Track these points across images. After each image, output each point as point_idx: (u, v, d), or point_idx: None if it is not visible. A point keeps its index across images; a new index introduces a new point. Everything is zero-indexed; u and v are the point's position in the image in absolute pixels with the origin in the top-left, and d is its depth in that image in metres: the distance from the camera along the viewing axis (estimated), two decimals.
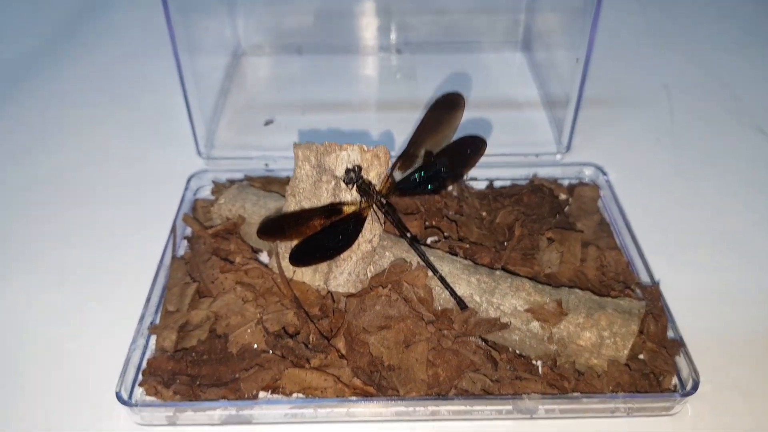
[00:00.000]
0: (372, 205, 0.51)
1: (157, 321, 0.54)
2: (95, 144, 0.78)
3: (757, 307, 0.57)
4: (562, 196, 0.66)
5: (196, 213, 0.64)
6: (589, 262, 0.58)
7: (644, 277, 0.57)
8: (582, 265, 0.57)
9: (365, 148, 0.49)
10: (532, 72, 0.89)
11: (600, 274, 0.57)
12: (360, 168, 0.49)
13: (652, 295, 0.54)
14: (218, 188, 0.65)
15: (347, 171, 0.49)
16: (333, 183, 0.51)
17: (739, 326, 0.56)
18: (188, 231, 0.62)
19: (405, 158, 0.51)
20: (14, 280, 0.61)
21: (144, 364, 0.51)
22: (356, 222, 0.51)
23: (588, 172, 0.68)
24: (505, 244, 0.60)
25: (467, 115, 0.53)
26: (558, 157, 0.73)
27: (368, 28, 0.93)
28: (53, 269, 0.62)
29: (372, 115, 0.81)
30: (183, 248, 0.61)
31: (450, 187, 0.56)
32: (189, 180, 0.66)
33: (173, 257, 0.59)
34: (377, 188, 0.50)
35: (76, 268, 0.62)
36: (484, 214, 0.63)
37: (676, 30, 1.00)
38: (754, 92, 0.86)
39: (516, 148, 0.73)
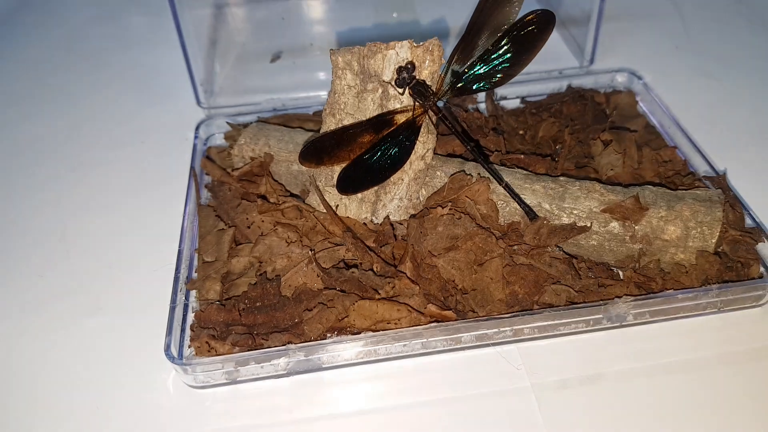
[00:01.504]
0: (427, 110, 0.45)
1: (194, 276, 0.48)
2: (84, 106, 0.71)
3: None
4: (600, 104, 0.62)
5: (212, 159, 0.57)
6: (646, 163, 0.54)
7: (705, 171, 0.54)
8: (640, 167, 0.54)
9: (415, 44, 0.44)
10: None
11: (662, 173, 0.53)
12: (413, 65, 0.43)
13: (721, 184, 0.51)
14: (234, 131, 0.59)
15: (398, 70, 0.43)
16: (380, 90, 0.45)
17: None
18: (207, 181, 0.56)
19: (462, 49, 0.45)
20: (30, 254, 0.54)
21: (191, 319, 0.45)
22: (409, 132, 0.45)
23: (621, 79, 0.65)
24: (553, 155, 0.56)
25: None
26: (582, 71, 0.70)
27: None
28: (59, 240, 0.55)
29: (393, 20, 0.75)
30: (204, 199, 0.55)
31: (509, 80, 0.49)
32: (197, 128, 0.60)
33: (199, 204, 0.53)
34: (432, 89, 0.45)
35: (85, 236, 0.55)
36: (521, 131, 0.59)
37: None
38: None
39: (535, 65, 0.69)
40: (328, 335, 0.44)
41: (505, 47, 0.45)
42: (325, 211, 0.50)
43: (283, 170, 0.54)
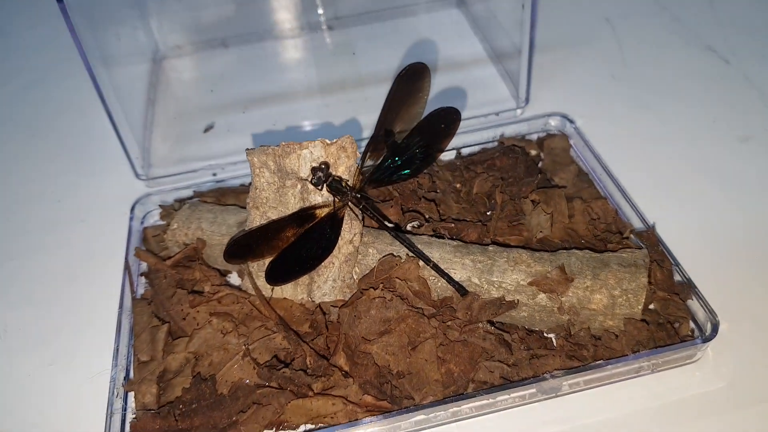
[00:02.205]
0: (347, 203, 0.46)
1: (131, 375, 0.48)
2: (15, 185, 0.69)
3: (754, 231, 0.56)
4: (533, 152, 0.63)
5: (147, 244, 0.57)
6: (577, 217, 0.55)
7: (636, 223, 0.55)
8: (571, 222, 0.54)
9: (328, 142, 0.44)
10: (472, 27, 0.84)
11: (592, 228, 0.54)
12: (327, 165, 0.44)
13: (650, 240, 0.52)
14: (167, 211, 0.59)
15: (313, 170, 0.44)
16: (299, 186, 0.45)
17: (741, 255, 0.54)
18: (144, 266, 0.56)
19: (374, 144, 0.46)
20: None
21: (128, 429, 0.45)
22: (333, 224, 0.46)
23: (554, 123, 0.65)
24: (488, 213, 0.56)
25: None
26: (518, 111, 0.70)
27: (294, 8, 0.86)
28: (6, 334, 0.54)
29: (318, 100, 0.75)
30: (142, 286, 0.54)
31: (424, 170, 0.51)
32: (133, 208, 0.59)
33: (133, 299, 0.52)
34: (350, 183, 0.45)
35: (25, 332, 0.55)
36: (458, 185, 0.59)
37: None
38: (694, 12, 0.84)
39: (474, 109, 0.69)
40: None
41: (416, 141, 0.45)
42: (257, 296, 0.50)
43: (217, 253, 0.53)
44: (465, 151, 0.64)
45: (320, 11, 0.86)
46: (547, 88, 0.74)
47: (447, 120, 0.45)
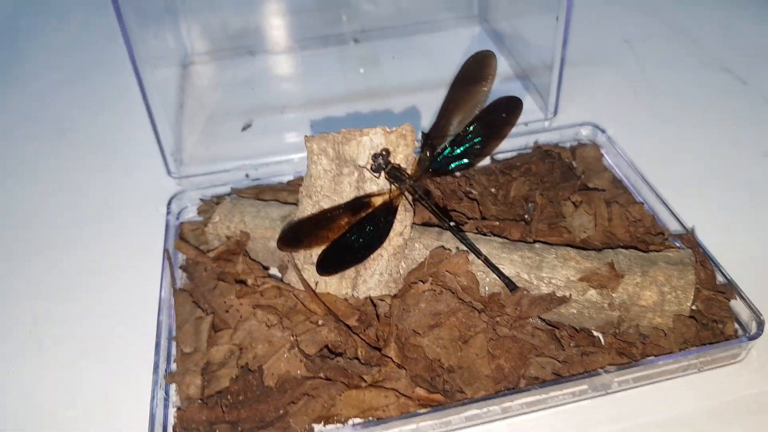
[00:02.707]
0: (404, 192, 0.46)
1: (173, 367, 0.47)
2: (49, 182, 0.69)
3: None
4: (567, 160, 0.64)
5: (185, 238, 0.56)
6: (616, 220, 0.55)
7: (673, 227, 0.55)
8: (611, 225, 0.55)
9: (388, 129, 0.44)
10: (495, 43, 0.86)
11: (633, 231, 0.54)
12: (388, 151, 0.44)
13: (690, 242, 0.53)
14: (207, 206, 0.58)
15: (374, 156, 0.44)
16: (356, 174, 0.45)
17: None
18: (181, 260, 0.55)
19: (434, 134, 0.46)
20: None
21: (172, 419, 0.44)
22: (387, 213, 0.45)
23: (585, 132, 0.66)
24: (525, 216, 0.56)
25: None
26: (546, 123, 0.71)
27: (320, 21, 0.87)
28: (30, 331, 0.53)
29: (347, 107, 0.75)
30: (180, 280, 0.53)
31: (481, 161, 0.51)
32: (169, 203, 0.59)
33: (175, 290, 0.51)
34: (408, 171, 0.45)
35: (57, 325, 0.54)
36: (493, 189, 0.60)
37: None
38: (711, 35, 0.87)
39: None
40: (315, 426, 0.43)
41: (476, 131, 0.46)
42: (304, 289, 0.49)
43: (260, 246, 0.53)
44: (498, 157, 0.64)
45: (346, 24, 0.88)
46: (572, 102, 0.75)
47: (509, 108, 0.45)
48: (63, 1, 1.00)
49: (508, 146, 0.66)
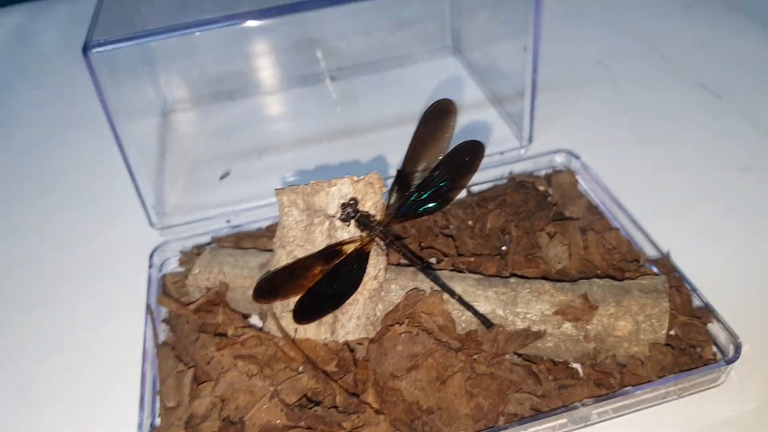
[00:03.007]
0: (374, 238, 0.47)
1: (158, 422, 0.48)
2: (33, 239, 0.70)
3: (766, 254, 0.57)
4: (542, 188, 0.64)
5: (167, 290, 0.57)
6: (592, 248, 0.56)
7: (649, 251, 0.56)
8: (586, 253, 0.55)
9: (355, 179, 0.45)
10: (469, 73, 0.88)
11: (608, 258, 0.55)
12: (356, 200, 0.45)
13: (666, 267, 0.53)
14: (187, 257, 0.59)
15: (343, 206, 0.45)
16: (327, 223, 0.46)
17: (754, 278, 0.55)
18: (164, 313, 0.56)
19: (400, 180, 0.47)
20: None
21: None
22: (359, 259, 0.46)
23: (560, 159, 0.67)
24: (503, 248, 0.57)
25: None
26: (522, 151, 0.72)
27: (296, 62, 0.89)
28: (20, 390, 0.54)
29: (326, 146, 0.76)
30: (163, 333, 0.54)
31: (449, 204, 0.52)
32: (152, 255, 0.60)
33: (157, 345, 0.52)
34: (377, 218, 0.46)
35: (46, 384, 0.54)
36: (470, 222, 0.60)
37: (595, 7, 1.02)
38: (683, 50, 0.88)
39: None
40: None
41: (440, 176, 0.47)
42: (282, 337, 0.50)
43: (239, 296, 0.54)
44: (474, 189, 0.65)
45: (322, 63, 0.89)
46: (548, 127, 0.76)
47: (471, 153, 0.47)
48: (43, 58, 1.02)
49: (484, 178, 0.66)
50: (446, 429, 0.44)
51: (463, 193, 0.64)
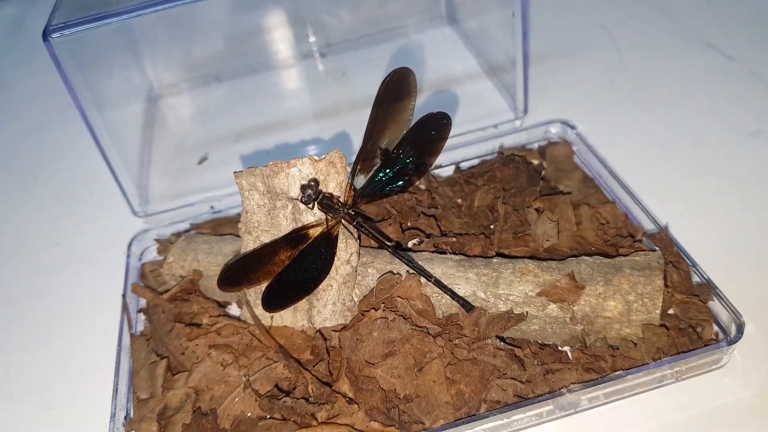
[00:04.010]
0: (341, 221, 0.44)
1: (132, 413, 0.46)
2: (17, 227, 0.69)
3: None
4: (535, 162, 0.61)
5: (146, 280, 0.56)
6: (585, 223, 0.53)
7: (647, 225, 0.52)
8: (579, 228, 0.52)
9: (316, 158, 0.43)
10: (464, 43, 0.84)
11: (602, 234, 0.52)
12: (317, 181, 0.42)
13: (664, 242, 0.50)
14: (163, 246, 0.57)
15: (303, 188, 0.42)
16: (290, 207, 0.44)
17: (760, 253, 0.51)
18: (142, 302, 0.54)
19: (364, 158, 0.44)
20: None
21: None
22: (328, 243, 0.44)
23: (555, 130, 0.64)
24: (491, 227, 0.54)
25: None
26: (517, 123, 0.68)
27: (284, 39, 0.86)
28: (2, 382, 0.53)
29: (315, 126, 0.74)
30: (141, 322, 0.53)
31: (418, 181, 0.50)
32: (129, 245, 0.58)
33: (131, 336, 0.51)
34: (341, 200, 0.44)
35: (28, 375, 0.53)
36: (459, 201, 0.57)
37: None
38: (691, 10, 0.83)
39: (471, 124, 0.68)
40: None
41: (406, 151, 0.44)
42: (256, 325, 0.48)
43: (215, 284, 0.52)
44: (464, 165, 0.62)
45: (312, 39, 0.86)
46: (546, 97, 0.72)
47: (437, 126, 0.43)
48: (22, 52, 1.01)
49: (476, 152, 0.63)
50: (425, 417, 0.42)
51: (451, 169, 0.62)
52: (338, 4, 0.86)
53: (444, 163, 0.62)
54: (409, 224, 0.53)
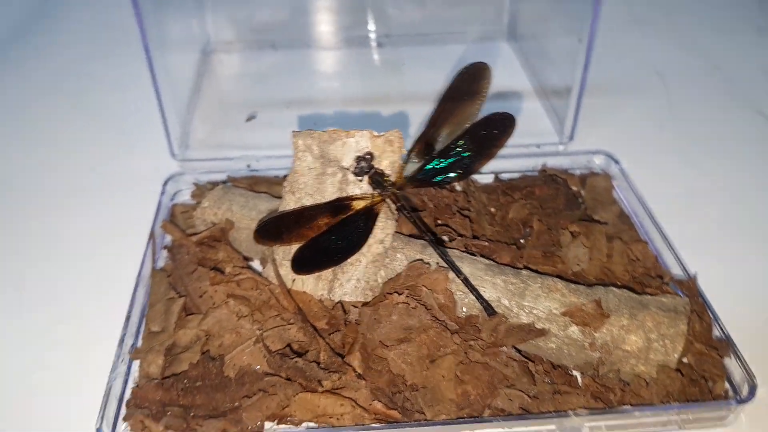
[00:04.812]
0: (385, 199, 0.44)
1: (140, 343, 0.46)
2: (57, 147, 0.70)
3: None
4: (574, 188, 0.61)
5: (175, 219, 0.56)
6: (615, 257, 0.53)
7: (675, 271, 0.53)
8: (609, 260, 0.52)
9: (375, 134, 0.43)
10: (520, 61, 0.84)
11: (630, 270, 0.52)
12: (372, 155, 0.43)
13: (690, 290, 0.50)
14: (199, 190, 0.58)
15: (357, 159, 0.43)
16: (339, 175, 0.44)
17: None
18: (168, 240, 0.55)
19: (422, 143, 0.44)
20: None
21: (128, 394, 0.43)
22: (367, 218, 0.44)
23: (598, 161, 0.64)
24: (521, 241, 0.54)
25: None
26: (560, 147, 0.69)
27: (346, 22, 0.86)
28: (14, 290, 0.53)
29: (360, 110, 0.74)
30: (163, 260, 0.53)
31: (468, 177, 0.50)
32: (165, 183, 0.59)
33: (153, 269, 0.51)
34: (391, 179, 0.44)
35: (40, 286, 0.54)
36: (492, 209, 0.58)
37: (660, 17, 0.97)
38: (746, 74, 0.84)
39: (514, 139, 0.68)
40: (267, 424, 0.42)
41: (465, 145, 0.44)
42: (279, 285, 0.48)
43: (244, 237, 0.52)
44: (503, 177, 0.62)
45: (371, 27, 0.87)
46: (592, 128, 0.73)
47: (502, 125, 0.44)
48: None
49: (516, 166, 0.64)
50: (427, 409, 0.42)
51: (489, 178, 0.62)
52: None
53: (483, 170, 0.62)
54: (443, 220, 0.53)
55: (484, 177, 0.62)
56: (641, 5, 0.99)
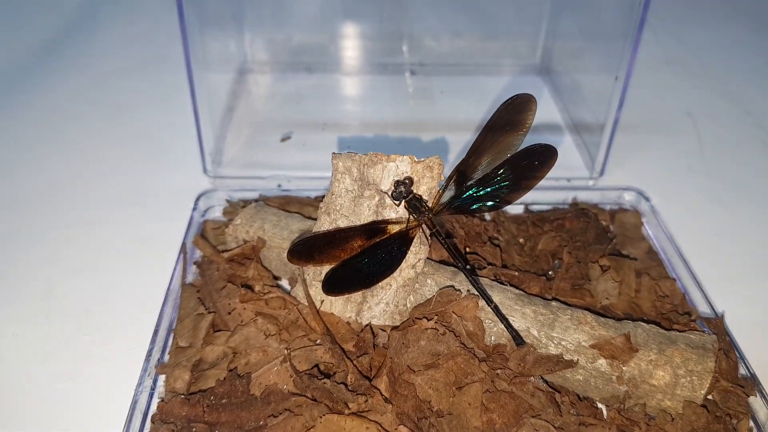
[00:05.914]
0: (421, 224, 0.45)
1: (167, 358, 0.47)
2: (91, 161, 0.71)
3: None
4: (603, 223, 0.61)
5: (206, 235, 0.57)
6: (644, 293, 0.53)
7: (702, 309, 0.52)
8: (637, 296, 0.52)
9: (415, 159, 0.44)
10: (552, 95, 0.85)
11: (658, 306, 0.52)
12: (411, 180, 0.43)
13: (717, 328, 0.50)
14: (232, 207, 0.59)
15: (396, 183, 0.43)
16: (377, 198, 0.45)
17: None
18: (198, 256, 0.55)
19: (462, 170, 0.45)
20: (9, 309, 0.53)
21: (153, 409, 0.43)
22: (401, 243, 0.45)
23: (628, 197, 0.64)
24: (549, 273, 0.55)
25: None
26: (591, 182, 0.69)
27: (381, 49, 0.88)
28: (42, 299, 0.54)
29: (392, 136, 0.75)
30: (192, 275, 0.54)
31: (506, 206, 0.50)
32: (197, 199, 0.60)
33: (183, 284, 0.52)
34: (428, 204, 0.45)
35: (69, 298, 0.55)
36: (521, 240, 0.58)
37: (693, 59, 0.98)
38: None
39: None
40: None
41: (505, 174, 0.45)
42: (308, 305, 0.48)
43: (274, 256, 0.53)
44: (533, 209, 0.63)
45: (406, 57, 0.88)
46: (621, 166, 0.73)
47: (542, 157, 0.44)
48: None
49: (546, 198, 0.64)
50: None
51: (519, 209, 0.62)
52: (441, 30, 0.89)
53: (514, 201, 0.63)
54: (473, 248, 0.54)
55: (513, 208, 0.63)
56: (674, 47, 1.00)
